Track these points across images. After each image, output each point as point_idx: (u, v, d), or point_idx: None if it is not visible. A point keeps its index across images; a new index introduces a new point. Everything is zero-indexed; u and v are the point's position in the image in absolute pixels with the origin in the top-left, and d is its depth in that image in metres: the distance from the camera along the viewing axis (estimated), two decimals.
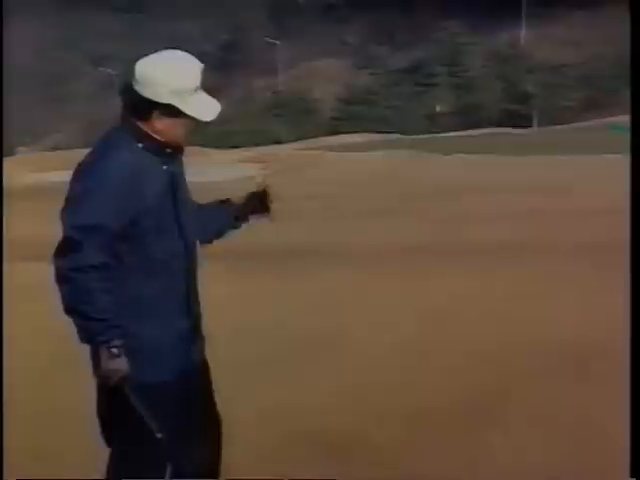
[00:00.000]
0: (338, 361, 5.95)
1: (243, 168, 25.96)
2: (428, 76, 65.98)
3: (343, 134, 48.78)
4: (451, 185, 18.38)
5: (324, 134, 51.19)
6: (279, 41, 72.55)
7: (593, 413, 4.80)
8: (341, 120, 59.96)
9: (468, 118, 57.42)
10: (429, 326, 6.73)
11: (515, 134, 42.95)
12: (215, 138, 43.00)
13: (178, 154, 3.13)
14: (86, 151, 3.15)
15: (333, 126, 57.66)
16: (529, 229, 11.76)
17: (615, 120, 43.81)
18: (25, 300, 7.27)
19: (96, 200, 2.93)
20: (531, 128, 52.54)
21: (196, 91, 3.01)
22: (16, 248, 10.21)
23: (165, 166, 3.08)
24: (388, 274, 8.99)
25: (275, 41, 72.44)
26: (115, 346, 2.97)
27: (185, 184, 3.20)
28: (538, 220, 12.58)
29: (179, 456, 3.14)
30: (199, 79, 3.02)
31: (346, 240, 11.56)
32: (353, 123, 55.91)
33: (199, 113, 3.02)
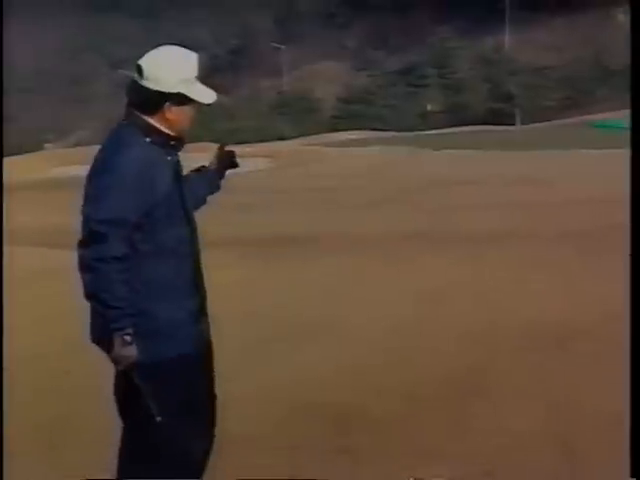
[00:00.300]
0: (338, 342, 5.91)
1: (250, 162, 25.90)
2: (420, 77, 66.12)
3: (343, 131, 48.62)
4: (443, 178, 18.32)
5: (325, 131, 51.09)
6: (284, 45, 72.63)
7: (571, 385, 4.83)
8: (341, 118, 59.87)
9: (456, 116, 57.27)
10: (424, 308, 6.69)
11: (500, 131, 42.87)
12: (224, 134, 42.91)
13: (180, 146, 3.16)
14: None
15: (333, 124, 57.56)
16: (516, 218, 11.71)
17: (593, 118, 43.78)
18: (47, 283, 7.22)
19: (115, 196, 2.94)
20: (514, 126, 52.38)
21: (196, 80, 3.08)
22: (42, 235, 10.22)
23: (169, 157, 3.11)
24: (385, 260, 8.95)
25: (280, 45, 72.50)
26: (128, 334, 2.97)
27: (182, 171, 3.23)
28: (523, 210, 12.55)
29: (180, 433, 3.09)
30: (197, 68, 3.09)
31: (345, 229, 11.50)
32: (352, 121, 55.78)
33: (203, 98, 3.09)
